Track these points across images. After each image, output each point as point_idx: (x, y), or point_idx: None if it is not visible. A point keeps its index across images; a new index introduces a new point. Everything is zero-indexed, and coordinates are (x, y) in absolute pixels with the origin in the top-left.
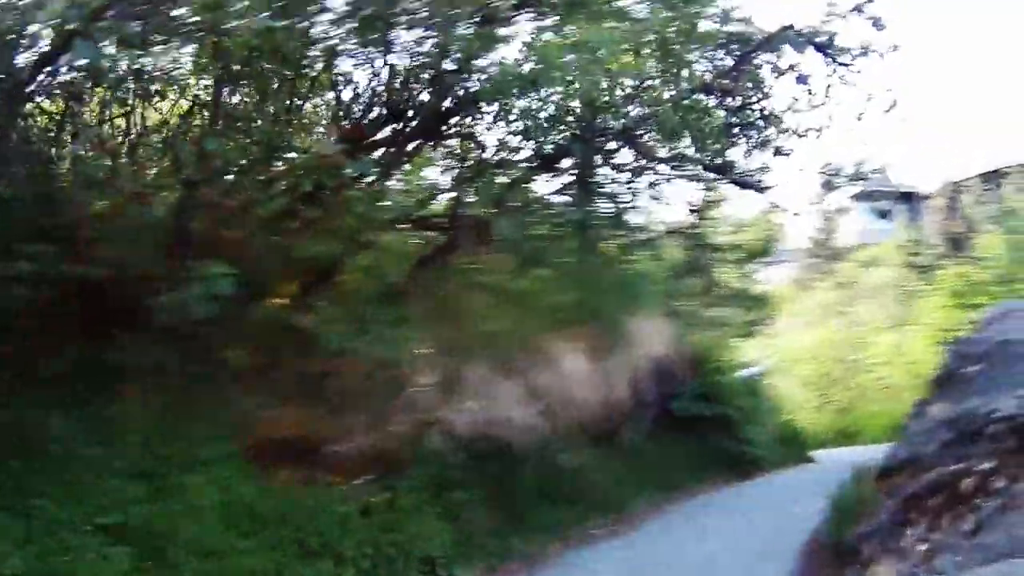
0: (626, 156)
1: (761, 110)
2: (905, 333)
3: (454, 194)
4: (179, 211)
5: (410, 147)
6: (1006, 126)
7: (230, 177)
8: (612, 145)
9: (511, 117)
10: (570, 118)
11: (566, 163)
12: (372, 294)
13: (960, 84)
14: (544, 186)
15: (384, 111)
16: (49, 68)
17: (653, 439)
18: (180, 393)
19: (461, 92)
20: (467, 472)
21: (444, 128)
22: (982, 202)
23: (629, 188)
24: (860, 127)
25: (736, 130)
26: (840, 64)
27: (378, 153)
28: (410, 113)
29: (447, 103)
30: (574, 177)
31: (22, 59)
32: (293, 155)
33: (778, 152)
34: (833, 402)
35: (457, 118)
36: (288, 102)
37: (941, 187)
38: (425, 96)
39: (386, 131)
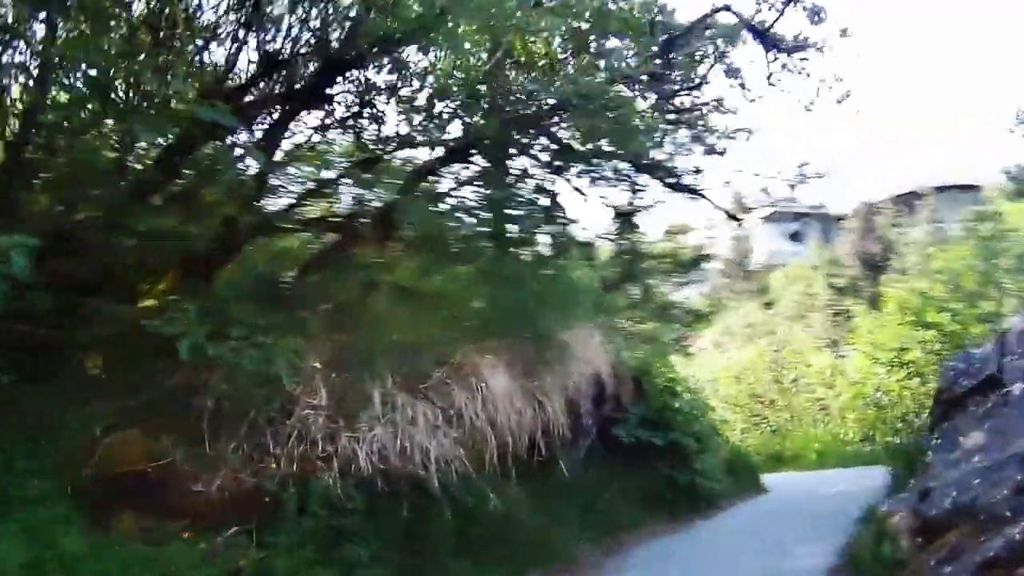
0: (543, 150)
1: (693, 104)
2: (841, 353)
3: (351, 181)
4: None
5: (290, 109)
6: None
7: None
8: (527, 136)
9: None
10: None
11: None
12: (251, 294)
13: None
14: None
15: (256, 62)
16: None
17: (593, 471)
18: None
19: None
20: (366, 520)
21: (331, 89)
22: (897, 224)
23: (548, 183)
24: (802, 127)
25: (664, 126)
26: (780, 50)
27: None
28: (289, 67)
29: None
30: (487, 167)
31: None
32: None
33: (712, 151)
34: (766, 424)
35: (346, 78)
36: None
37: (855, 208)
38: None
39: (260, 89)
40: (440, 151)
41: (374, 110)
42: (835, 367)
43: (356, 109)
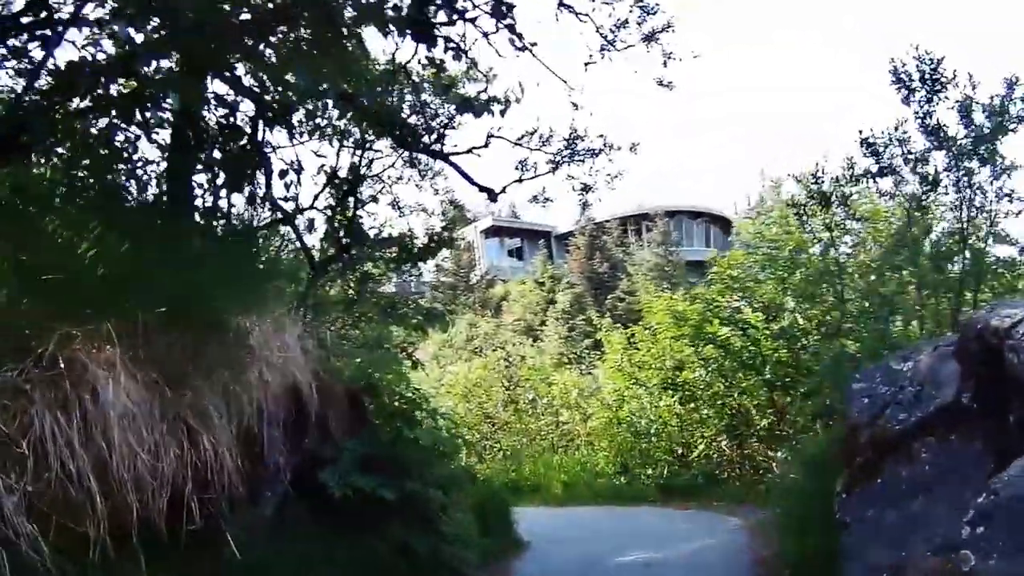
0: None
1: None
2: (587, 370)
3: None
4: None
5: None
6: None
7: None
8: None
9: None
10: None
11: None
12: None
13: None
14: None
15: None
16: None
17: (286, 544)
18: None
19: None
20: None
21: None
22: (623, 243)
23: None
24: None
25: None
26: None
27: None
28: None
29: None
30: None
31: None
32: None
33: (468, 108)
34: (500, 449)
35: None
36: None
37: (581, 226)
38: None
39: None
40: None
41: None
42: (581, 386)
43: None
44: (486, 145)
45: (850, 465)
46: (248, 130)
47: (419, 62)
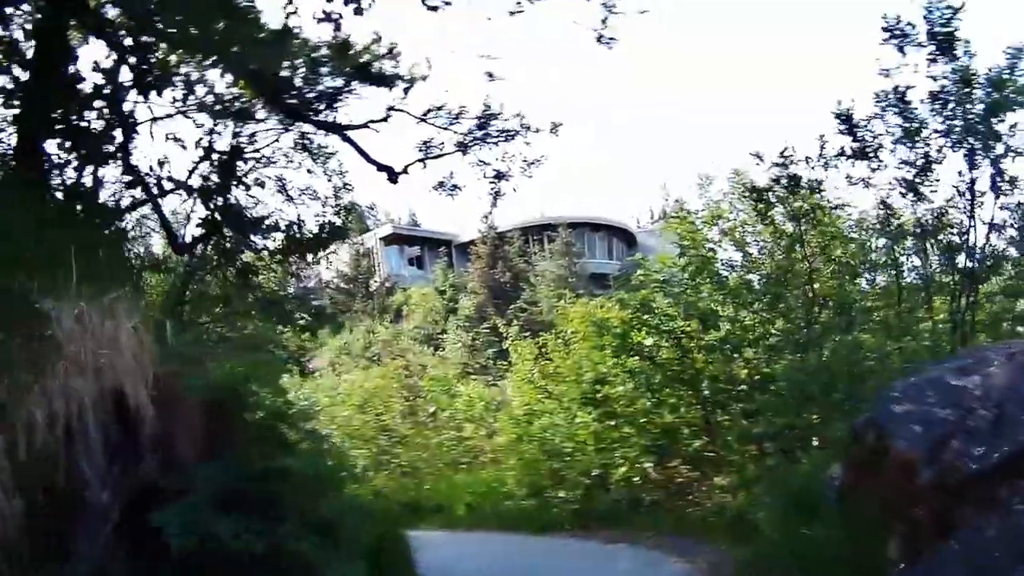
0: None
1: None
2: (493, 382)
3: None
4: None
5: None
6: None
7: None
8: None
9: None
10: None
11: None
12: None
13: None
14: None
15: None
16: None
17: None
18: None
19: None
20: None
21: None
22: (525, 253)
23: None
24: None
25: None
26: None
27: None
28: None
29: None
30: None
31: None
32: None
33: (366, 77)
34: (398, 465)
35: None
36: None
37: (483, 235)
38: None
39: None
40: None
41: None
42: (486, 398)
43: None
44: (386, 119)
45: (902, 516)
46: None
47: (314, 17)
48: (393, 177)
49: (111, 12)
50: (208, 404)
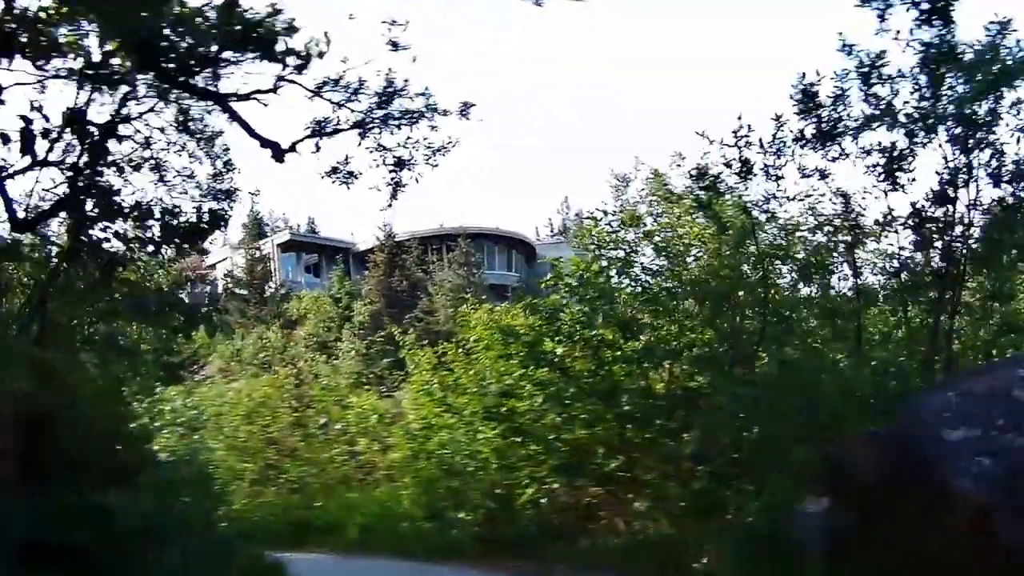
0: None
1: None
2: (388, 392)
3: None
4: None
5: None
6: None
7: None
8: None
9: None
10: None
11: None
12: None
13: None
14: None
15: None
16: None
17: None
18: None
19: None
20: None
21: None
22: (423, 262)
23: None
24: None
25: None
26: None
27: None
28: None
29: None
30: None
31: None
32: None
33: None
34: (286, 481)
35: None
36: None
37: (381, 243)
38: None
39: None
40: None
41: None
42: (381, 411)
43: None
44: (274, 89)
45: None
46: None
47: None
48: (279, 155)
49: None
50: (34, 412)
